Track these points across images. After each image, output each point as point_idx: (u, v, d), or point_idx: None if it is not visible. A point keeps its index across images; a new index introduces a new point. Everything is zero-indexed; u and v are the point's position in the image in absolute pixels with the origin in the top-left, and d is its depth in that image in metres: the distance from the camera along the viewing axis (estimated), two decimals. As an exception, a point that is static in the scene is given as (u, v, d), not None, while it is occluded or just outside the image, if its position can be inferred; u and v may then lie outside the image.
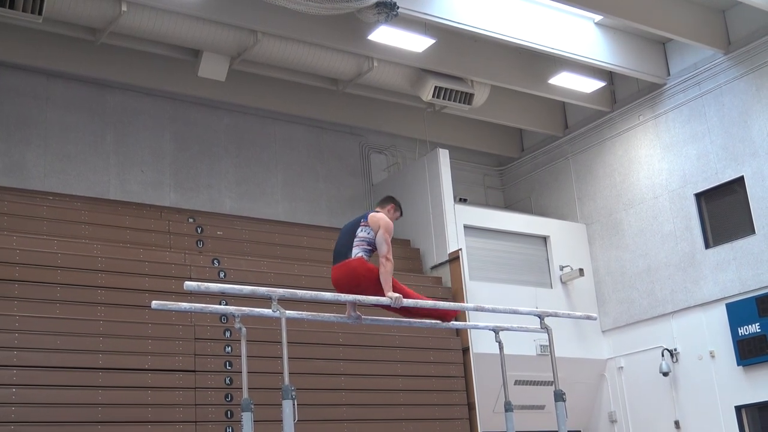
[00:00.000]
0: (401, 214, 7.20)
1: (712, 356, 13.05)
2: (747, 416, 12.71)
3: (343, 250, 6.78)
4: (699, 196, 13.57)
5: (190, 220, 11.91)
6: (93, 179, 12.56)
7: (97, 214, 11.19)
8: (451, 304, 10.26)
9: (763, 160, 12.71)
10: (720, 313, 12.96)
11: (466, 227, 13.85)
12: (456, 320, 11.88)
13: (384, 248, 6.60)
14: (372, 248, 6.76)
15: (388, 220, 6.84)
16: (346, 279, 6.68)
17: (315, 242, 12.75)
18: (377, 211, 6.99)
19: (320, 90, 13.75)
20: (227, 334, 10.53)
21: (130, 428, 9.52)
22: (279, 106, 13.94)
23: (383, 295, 6.59)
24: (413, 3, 11.40)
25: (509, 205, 16.56)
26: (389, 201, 7.11)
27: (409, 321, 7.91)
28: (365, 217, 6.86)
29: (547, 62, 13.79)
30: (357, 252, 6.70)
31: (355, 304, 6.77)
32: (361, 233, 6.78)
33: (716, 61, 13.39)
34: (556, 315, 7.93)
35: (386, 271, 6.49)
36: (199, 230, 11.78)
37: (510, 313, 7.86)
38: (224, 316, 10.50)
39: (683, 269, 13.58)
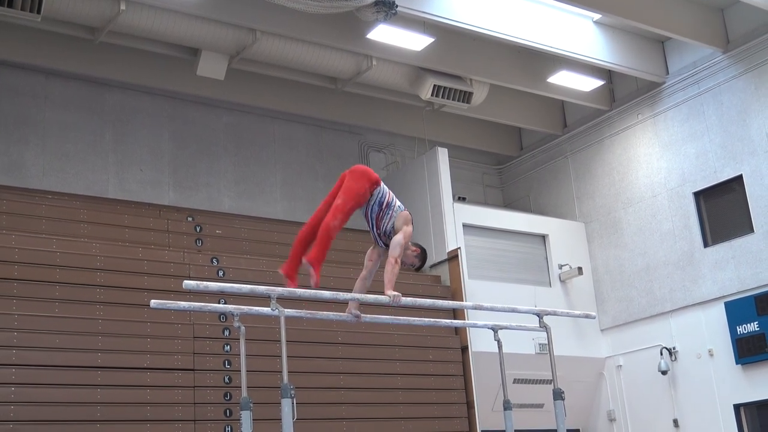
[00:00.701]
0: (418, 267, 6.81)
1: (711, 355, 13.06)
2: (746, 415, 12.72)
3: None
4: (698, 195, 13.57)
5: (189, 218, 11.91)
6: (92, 178, 12.55)
7: (96, 212, 11.19)
8: (451, 303, 10.26)
9: (762, 158, 12.72)
10: (719, 312, 12.96)
11: (465, 226, 13.85)
12: (455, 319, 11.97)
13: (397, 251, 6.44)
14: (383, 206, 6.55)
15: (410, 234, 6.61)
16: (350, 173, 6.66)
17: (314, 241, 12.72)
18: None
19: (319, 89, 13.74)
20: (226, 332, 10.54)
21: (129, 427, 9.52)
22: (278, 104, 13.93)
23: (351, 197, 6.53)
24: (412, 2, 11.39)
25: (508, 204, 16.57)
26: (421, 248, 6.78)
27: (408, 319, 7.90)
28: (403, 208, 6.65)
29: (546, 61, 13.79)
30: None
31: (357, 303, 6.74)
32: (392, 201, 6.60)
33: (715, 60, 13.39)
34: (554, 314, 7.93)
35: (393, 272, 6.40)
36: (198, 229, 11.77)
37: (509, 311, 7.86)
38: (223, 315, 10.50)
39: (682, 268, 13.58)
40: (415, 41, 12.45)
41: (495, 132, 16.25)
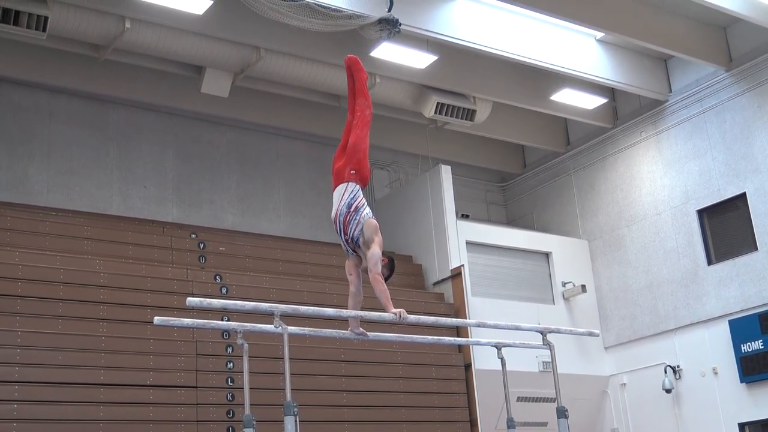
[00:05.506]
0: (386, 278, 6.50)
1: (715, 373, 13.01)
2: (750, 433, 12.67)
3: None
4: (701, 213, 13.56)
5: (193, 235, 11.93)
6: (96, 195, 12.58)
7: (100, 229, 11.21)
8: (454, 320, 10.25)
9: (766, 176, 12.71)
10: (723, 330, 12.92)
11: (468, 243, 13.84)
12: (458, 336, 11.94)
13: (379, 266, 6.34)
14: (351, 208, 6.54)
15: (382, 243, 6.50)
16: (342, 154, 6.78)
17: (317, 258, 12.75)
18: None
19: (322, 106, 13.78)
20: (229, 349, 10.53)
21: (132, 444, 9.51)
22: (281, 121, 13.97)
23: (345, 173, 6.65)
24: (415, 20, 11.44)
25: (511, 221, 16.56)
26: (390, 258, 6.66)
27: (411, 337, 7.88)
28: (370, 215, 6.58)
29: (549, 79, 13.83)
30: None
31: (358, 321, 6.72)
32: (361, 207, 6.59)
33: (718, 78, 13.41)
34: (558, 331, 7.91)
35: (384, 289, 6.30)
36: (202, 246, 11.79)
37: (512, 329, 7.85)
38: (226, 332, 10.49)
39: (686, 285, 13.56)
40: (419, 59, 12.49)
41: (498, 149, 16.27)
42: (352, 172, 6.70)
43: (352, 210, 6.55)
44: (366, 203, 6.65)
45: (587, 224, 15.31)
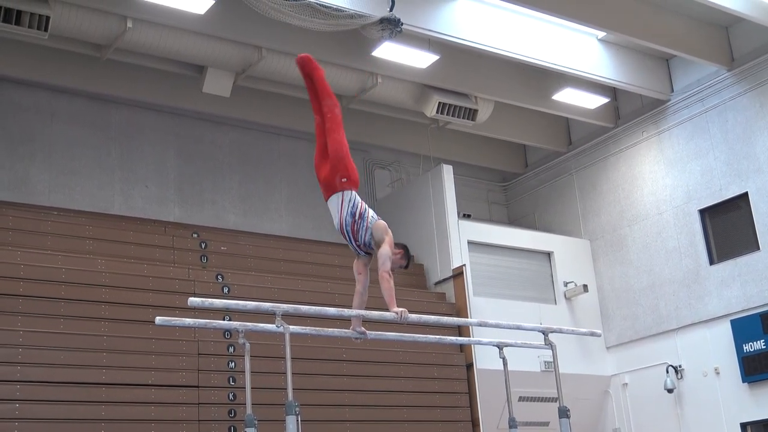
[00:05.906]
0: (406, 266, 6.65)
1: (717, 373, 13.00)
2: (752, 433, 12.67)
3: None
4: (703, 212, 13.55)
5: (194, 235, 11.93)
6: (97, 194, 12.58)
7: (102, 229, 11.22)
8: (456, 320, 10.24)
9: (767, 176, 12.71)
10: (725, 330, 12.91)
11: (470, 243, 13.84)
12: (460, 336, 11.94)
13: (387, 264, 6.32)
14: (355, 216, 6.45)
15: (393, 242, 6.49)
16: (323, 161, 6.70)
17: (319, 258, 12.76)
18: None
19: (324, 106, 13.76)
20: (231, 349, 10.53)
21: (133, 444, 9.51)
22: (283, 121, 13.96)
23: (336, 183, 6.53)
24: (417, 19, 11.44)
25: (513, 221, 16.56)
26: (403, 246, 6.66)
27: (413, 336, 7.88)
28: (376, 217, 6.52)
29: (551, 78, 13.82)
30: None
31: (361, 320, 6.72)
32: (365, 212, 6.49)
33: (720, 78, 13.40)
34: (560, 331, 7.91)
35: (390, 287, 6.30)
36: (203, 245, 11.79)
37: (514, 329, 7.85)
38: (228, 332, 10.49)
39: (688, 285, 13.55)
40: (420, 59, 12.49)
41: (500, 149, 16.27)
42: (343, 180, 6.58)
43: (357, 218, 6.49)
44: (367, 207, 6.60)
45: (589, 224, 15.31)
